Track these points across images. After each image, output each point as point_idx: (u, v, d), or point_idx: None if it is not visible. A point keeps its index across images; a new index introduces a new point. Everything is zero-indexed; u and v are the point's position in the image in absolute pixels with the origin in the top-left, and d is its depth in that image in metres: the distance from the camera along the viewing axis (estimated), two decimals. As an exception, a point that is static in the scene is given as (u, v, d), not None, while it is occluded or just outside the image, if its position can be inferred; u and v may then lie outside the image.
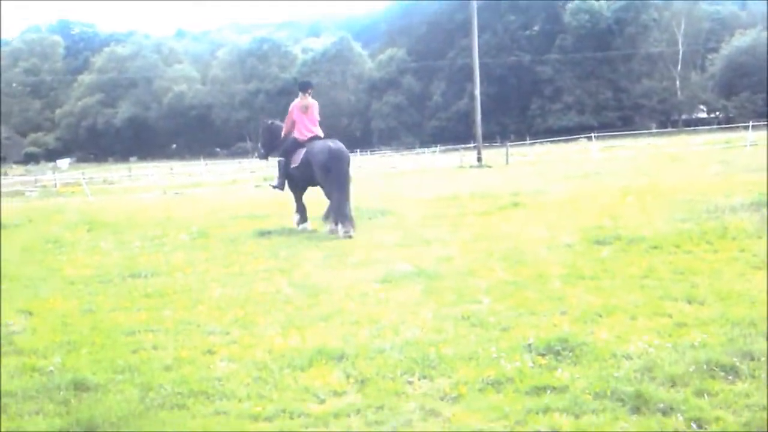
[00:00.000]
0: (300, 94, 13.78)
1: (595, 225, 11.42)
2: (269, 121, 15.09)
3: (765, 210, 11.44)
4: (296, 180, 13.79)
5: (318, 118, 13.69)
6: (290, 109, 13.79)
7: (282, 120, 14.60)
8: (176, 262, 10.67)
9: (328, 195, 13.15)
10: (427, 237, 11.53)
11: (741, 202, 12.26)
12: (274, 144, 14.55)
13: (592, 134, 54.16)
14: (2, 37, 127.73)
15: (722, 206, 12.13)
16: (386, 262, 9.43)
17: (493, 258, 9.44)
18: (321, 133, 13.62)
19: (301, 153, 13.39)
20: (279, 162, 14.10)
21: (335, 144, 13.15)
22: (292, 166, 13.58)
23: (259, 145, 15.34)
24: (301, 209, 13.85)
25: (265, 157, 15.28)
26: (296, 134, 13.64)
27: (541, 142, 61.69)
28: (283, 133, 14.15)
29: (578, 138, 58.70)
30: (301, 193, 13.91)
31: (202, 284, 8.98)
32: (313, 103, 13.66)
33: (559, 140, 60.55)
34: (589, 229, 11.08)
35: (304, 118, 13.55)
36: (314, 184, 13.57)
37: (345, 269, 9.41)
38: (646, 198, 14.57)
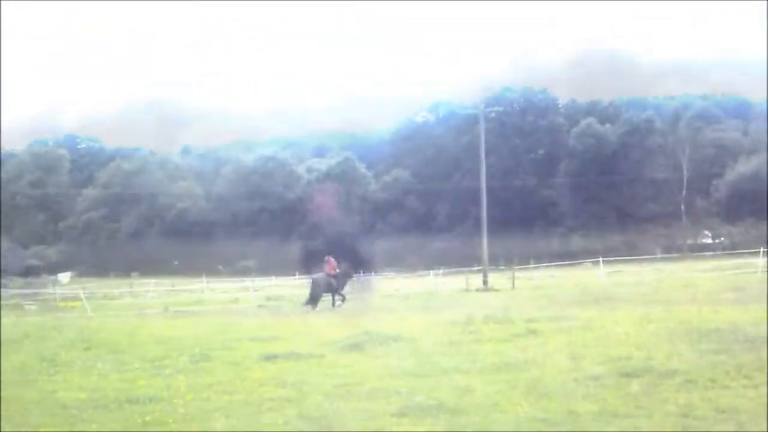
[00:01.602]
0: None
1: (622, 355, 10.77)
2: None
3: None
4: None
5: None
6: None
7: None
8: (177, 387, 10.05)
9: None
10: (444, 365, 10.89)
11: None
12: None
13: (599, 258, 53.67)
14: (7, 149, 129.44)
15: (752, 336, 11.49)
16: (402, 394, 8.79)
17: (518, 390, 8.80)
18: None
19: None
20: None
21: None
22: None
23: None
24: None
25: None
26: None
27: (545, 266, 61.04)
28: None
29: (583, 262, 58.22)
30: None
31: (204, 413, 8.35)
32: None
33: (563, 264, 60.05)
34: (616, 360, 10.45)
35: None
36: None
37: (358, 400, 8.76)
38: (668, 325, 13.90)
